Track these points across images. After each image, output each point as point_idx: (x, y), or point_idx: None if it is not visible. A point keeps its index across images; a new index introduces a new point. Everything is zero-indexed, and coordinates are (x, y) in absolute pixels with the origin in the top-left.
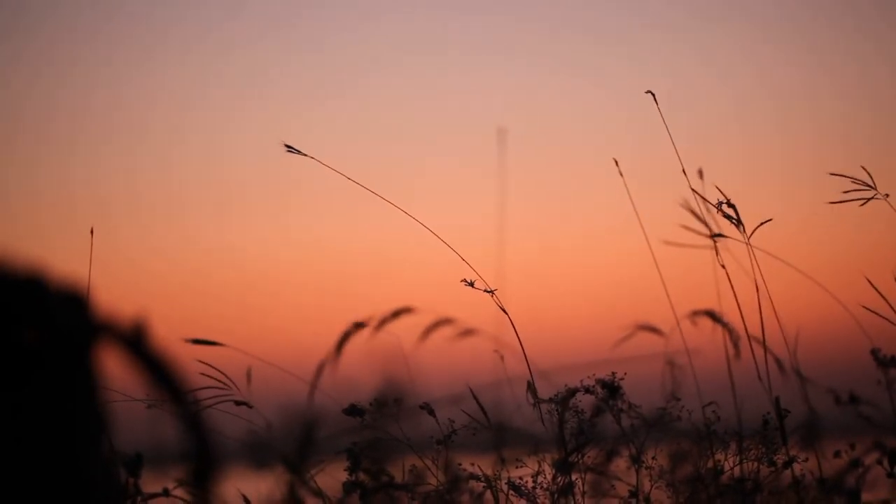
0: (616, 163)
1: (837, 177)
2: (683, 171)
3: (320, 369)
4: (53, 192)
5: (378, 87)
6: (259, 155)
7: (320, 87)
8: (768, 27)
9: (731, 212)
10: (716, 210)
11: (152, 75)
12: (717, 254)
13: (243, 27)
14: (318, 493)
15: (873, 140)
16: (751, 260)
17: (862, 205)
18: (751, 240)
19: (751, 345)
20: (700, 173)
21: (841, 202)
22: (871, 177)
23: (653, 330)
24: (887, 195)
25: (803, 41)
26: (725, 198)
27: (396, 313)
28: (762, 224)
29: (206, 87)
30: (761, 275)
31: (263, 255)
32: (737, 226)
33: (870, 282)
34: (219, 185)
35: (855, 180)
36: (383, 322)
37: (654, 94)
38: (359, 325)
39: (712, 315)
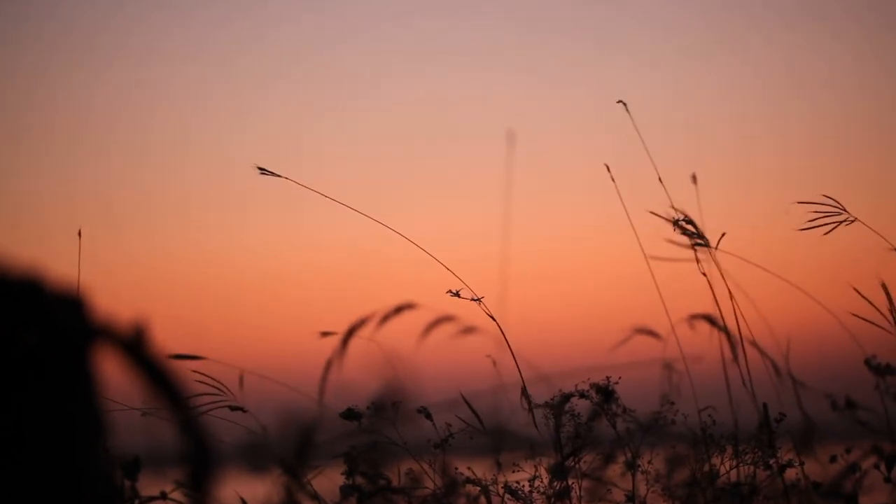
0: (607, 168)
1: (805, 203)
2: (659, 178)
3: (328, 367)
4: (51, 194)
5: (385, 92)
6: (259, 155)
7: (326, 91)
8: (764, 29)
9: (691, 228)
10: (675, 228)
11: (138, 77)
12: (697, 262)
13: (251, 27)
14: (315, 496)
15: (868, 145)
16: (719, 269)
17: (827, 233)
18: (738, 249)
19: (743, 349)
20: (693, 178)
21: (809, 228)
22: (838, 202)
23: (650, 333)
24: (855, 219)
25: (798, 43)
26: (684, 215)
27: (398, 309)
28: (721, 237)
29: (206, 89)
30: (728, 285)
31: (262, 256)
32: (699, 239)
33: (857, 291)
34: (218, 187)
35: (820, 207)
36: (385, 318)
37: (625, 104)
38: (362, 322)
39: (709, 319)
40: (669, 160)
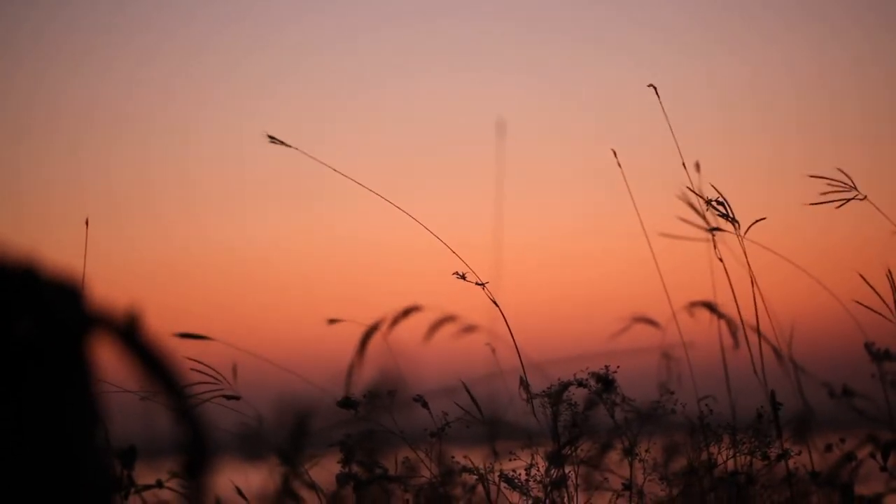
0: (614, 153)
1: (818, 178)
2: (683, 164)
3: (350, 372)
4: (49, 184)
5: (384, 90)
6: (256, 148)
7: (329, 86)
8: (758, 21)
9: (723, 209)
10: (708, 207)
11: (133, 70)
12: (714, 247)
13: (256, 24)
14: (311, 485)
15: (864, 134)
16: (745, 255)
17: (839, 206)
18: (746, 234)
19: (746, 337)
20: (697, 166)
21: (820, 203)
22: (850, 178)
23: (649, 322)
24: (865, 196)
25: (793, 33)
26: (720, 194)
27: (406, 312)
28: (757, 221)
29: (211, 82)
30: (751, 270)
31: (267, 246)
32: (731, 222)
33: (863, 278)
34: (218, 179)
35: (833, 181)
36: (395, 321)
37: (655, 88)
38: (376, 326)
39: (710, 306)
40: (664, 152)
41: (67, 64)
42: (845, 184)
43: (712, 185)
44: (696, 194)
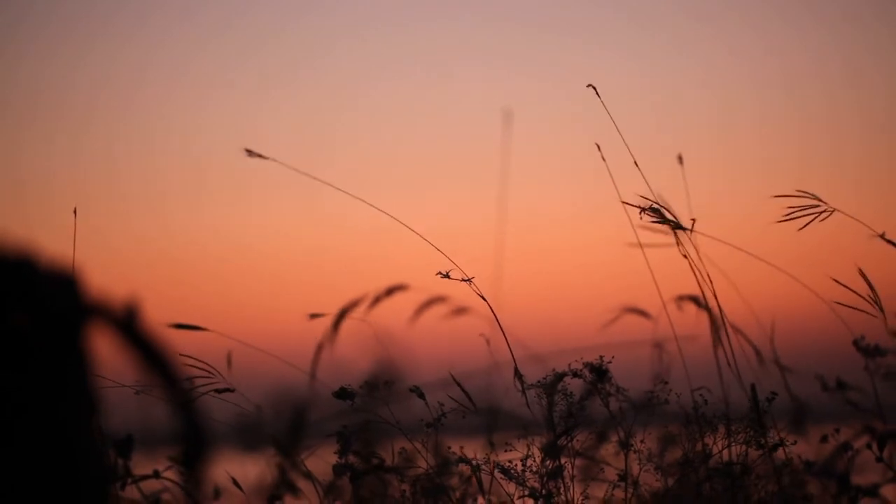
0: (598, 147)
1: (782, 197)
2: (635, 162)
3: (319, 349)
4: (48, 174)
5: (383, 85)
6: (257, 139)
7: (331, 78)
8: (749, 17)
9: (657, 216)
10: (641, 216)
11: (141, 63)
12: (678, 244)
13: (257, 17)
14: (308, 475)
15: (857, 128)
16: (697, 253)
17: (801, 228)
18: (728, 232)
19: (728, 332)
20: (679, 159)
21: (786, 220)
22: (814, 195)
23: (640, 313)
24: (834, 210)
25: (783, 31)
26: (655, 201)
27: (390, 290)
28: (694, 222)
29: (211, 75)
30: (711, 266)
31: (261, 238)
32: (671, 226)
33: (837, 281)
34: (217, 170)
35: (798, 199)
36: (378, 299)
37: (595, 88)
38: (354, 303)
39: (696, 300)
40: (658, 146)
41: (69, 55)
42: (811, 201)
43: (642, 196)
44: (633, 205)
